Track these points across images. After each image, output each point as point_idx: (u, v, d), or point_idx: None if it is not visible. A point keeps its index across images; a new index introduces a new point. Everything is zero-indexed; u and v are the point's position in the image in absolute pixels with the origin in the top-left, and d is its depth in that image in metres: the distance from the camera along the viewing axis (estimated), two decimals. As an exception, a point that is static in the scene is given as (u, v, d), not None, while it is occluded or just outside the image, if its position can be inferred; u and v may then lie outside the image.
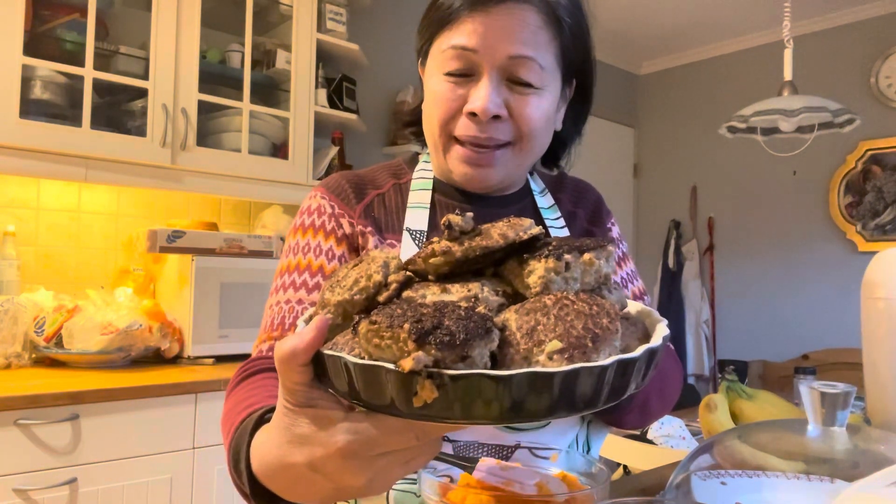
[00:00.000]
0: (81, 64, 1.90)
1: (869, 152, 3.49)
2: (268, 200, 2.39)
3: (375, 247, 0.78)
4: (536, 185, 0.87)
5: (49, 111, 1.91)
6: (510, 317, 0.42)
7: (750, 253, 3.96)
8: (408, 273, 0.49)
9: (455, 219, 0.48)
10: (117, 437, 1.61)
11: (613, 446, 1.43)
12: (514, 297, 0.46)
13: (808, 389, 0.60)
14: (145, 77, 2.01)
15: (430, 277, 0.49)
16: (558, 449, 0.65)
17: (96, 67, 1.92)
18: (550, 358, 0.38)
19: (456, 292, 0.46)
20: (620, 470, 1.37)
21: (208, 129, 2.23)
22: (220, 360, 2.01)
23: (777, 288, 3.83)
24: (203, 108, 2.15)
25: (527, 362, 0.39)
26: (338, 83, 2.60)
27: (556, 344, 0.38)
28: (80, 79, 1.90)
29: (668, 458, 1.28)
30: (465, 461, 0.61)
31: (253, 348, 0.79)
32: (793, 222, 3.77)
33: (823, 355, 3.50)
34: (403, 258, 0.55)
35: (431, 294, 0.46)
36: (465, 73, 0.74)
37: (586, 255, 0.45)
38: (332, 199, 0.82)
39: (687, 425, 1.63)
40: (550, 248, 0.46)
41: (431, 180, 0.84)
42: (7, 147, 1.77)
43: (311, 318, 0.48)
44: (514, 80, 0.73)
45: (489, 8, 0.72)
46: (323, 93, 2.47)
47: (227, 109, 2.24)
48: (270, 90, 2.44)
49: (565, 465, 0.62)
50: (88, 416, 1.57)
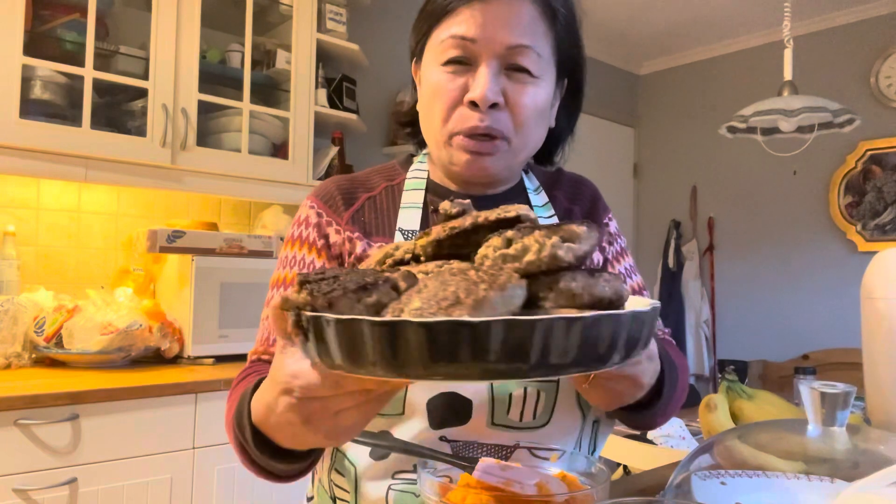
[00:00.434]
0: (81, 64, 1.90)
1: (869, 152, 3.49)
2: (268, 200, 2.39)
3: (363, 251, 0.80)
4: (531, 183, 0.88)
5: (49, 111, 1.91)
6: (419, 282, 0.45)
7: (750, 253, 3.96)
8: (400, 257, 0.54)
9: (444, 205, 0.51)
10: (117, 437, 1.61)
11: (613, 446, 1.43)
12: None
13: (808, 389, 0.60)
14: (145, 77, 2.01)
15: (421, 259, 0.53)
16: (558, 449, 0.65)
17: (96, 67, 1.92)
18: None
19: (424, 267, 0.50)
20: (620, 470, 1.37)
21: (208, 129, 2.23)
22: (220, 360, 2.01)
23: (777, 288, 3.83)
24: (203, 108, 2.15)
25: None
26: (338, 83, 2.60)
27: (416, 303, 0.40)
28: (80, 79, 1.90)
29: (668, 458, 1.28)
30: (464, 461, 0.61)
31: (250, 355, 0.82)
32: (793, 222, 3.77)
33: (823, 355, 3.49)
34: None
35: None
36: (463, 63, 0.75)
37: (533, 235, 0.46)
38: (321, 207, 0.83)
39: (687, 425, 1.63)
40: (518, 227, 0.49)
41: (425, 180, 0.85)
42: (7, 147, 1.77)
43: None
44: (513, 69, 0.75)
45: (487, 0, 0.73)
46: (323, 93, 2.47)
47: (227, 109, 2.24)
48: (270, 90, 2.44)
49: (565, 465, 0.62)
50: (88, 416, 1.57)
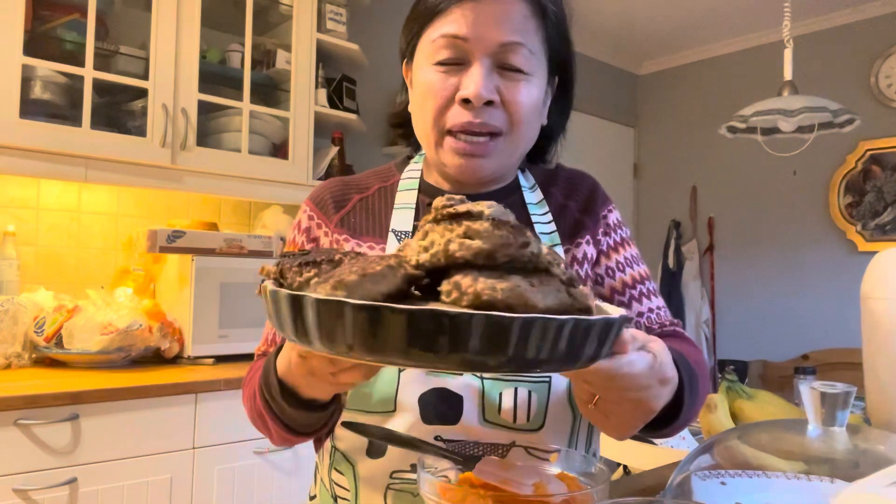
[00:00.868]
0: (81, 64, 1.90)
1: (869, 152, 3.49)
2: (268, 200, 2.39)
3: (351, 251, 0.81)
4: (526, 181, 0.88)
5: (49, 111, 1.91)
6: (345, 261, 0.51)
7: (750, 253, 3.96)
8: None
9: (438, 201, 0.51)
10: (117, 437, 1.61)
11: (613, 446, 1.43)
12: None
13: (808, 389, 0.60)
14: (145, 77, 2.01)
15: None
16: (557, 448, 0.65)
17: (96, 67, 1.92)
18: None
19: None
20: (620, 470, 1.37)
21: (208, 129, 2.23)
22: (220, 360, 2.01)
23: (777, 288, 3.83)
24: (203, 108, 2.15)
25: None
26: (338, 83, 2.60)
27: (325, 287, 0.44)
28: (80, 79, 1.90)
29: (668, 458, 1.28)
30: (464, 460, 0.61)
31: (256, 350, 0.88)
32: (793, 222, 3.77)
33: (823, 355, 3.49)
34: None
35: None
36: (455, 62, 0.75)
37: (438, 230, 0.48)
38: (313, 210, 0.86)
39: (687, 425, 1.63)
40: (447, 221, 0.50)
41: (418, 181, 0.85)
42: (7, 147, 1.77)
43: None
44: (505, 67, 0.75)
45: None
46: (323, 93, 2.47)
47: (227, 109, 2.24)
48: (270, 90, 2.44)
49: (565, 465, 0.62)
50: (88, 416, 1.57)
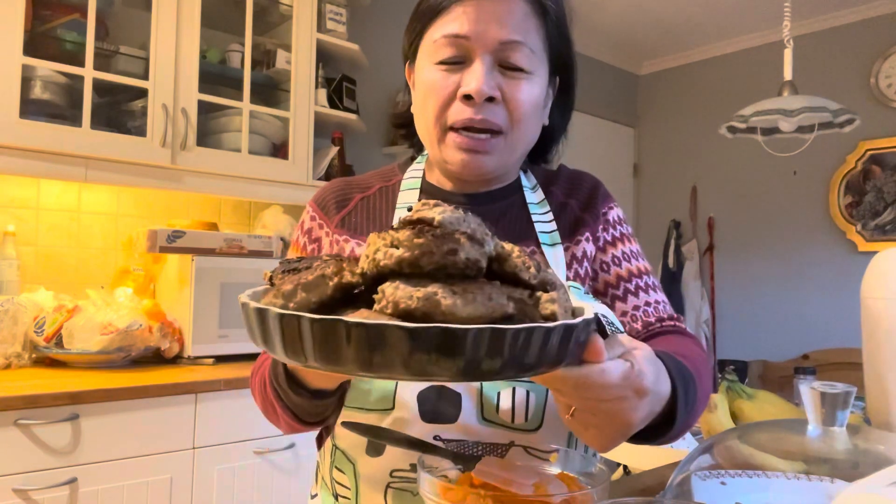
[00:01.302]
0: (81, 64, 1.90)
1: (869, 152, 3.49)
2: (268, 200, 2.39)
3: (351, 252, 0.82)
4: (528, 181, 0.88)
5: (49, 111, 1.91)
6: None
7: (750, 253, 3.96)
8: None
9: (416, 206, 0.51)
10: (117, 437, 1.61)
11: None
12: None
13: (808, 389, 0.60)
14: (145, 77, 2.01)
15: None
16: (556, 448, 0.65)
17: (96, 67, 1.92)
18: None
19: None
20: (620, 470, 1.37)
21: (208, 129, 2.23)
22: (220, 360, 2.01)
23: (777, 288, 3.83)
24: (203, 108, 2.15)
25: None
26: (338, 83, 2.60)
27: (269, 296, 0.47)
28: (80, 79, 1.90)
29: (668, 458, 1.28)
30: (464, 460, 0.61)
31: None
32: (793, 222, 3.77)
33: (823, 355, 3.49)
34: None
35: None
36: (457, 61, 0.76)
37: (377, 238, 0.48)
38: (315, 211, 0.87)
39: (687, 425, 1.63)
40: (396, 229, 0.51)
41: (420, 180, 0.86)
42: (7, 147, 1.77)
43: None
44: (506, 66, 0.75)
45: None
46: (323, 93, 2.47)
47: (227, 109, 2.24)
48: (270, 90, 2.44)
49: (564, 465, 0.62)
50: (88, 416, 1.57)
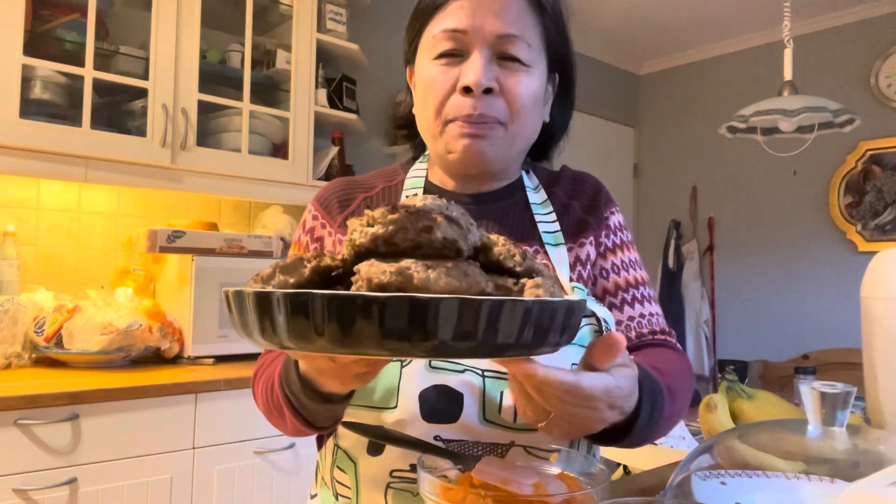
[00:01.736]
0: (81, 64, 1.90)
1: (869, 152, 3.49)
2: (268, 200, 2.39)
3: None
4: (530, 181, 0.88)
5: (49, 111, 1.91)
6: None
7: (750, 253, 3.96)
8: None
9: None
10: (117, 437, 1.61)
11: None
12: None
13: (808, 389, 0.60)
14: (145, 77, 2.01)
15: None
16: (555, 448, 0.65)
17: (96, 67, 1.92)
18: None
19: None
20: (620, 470, 1.37)
21: (208, 129, 2.23)
22: (220, 360, 2.01)
23: (777, 288, 3.83)
24: (203, 108, 2.15)
25: None
26: (338, 83, 2.60)
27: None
28: (80, 79, 1.90)
29: (668, 458, 1.28)
30: (464, 460, 0.61)
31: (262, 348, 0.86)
32: (793, 222, 3.77)
33: (823, 355, 3.49)
34: None
35: None
36: (455, 54, 0.76)
37: (354, 221, 0.49)
38: (318, 210, 0.87)
39: (687, 425, 1.63)
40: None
41: (423, 180, 0.86)
42: (7, 147, 1.77)
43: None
44: (504, 57, 0.76)
45: None
46: (323, 93, 2.47)
47: (227, 109, 2.24)
48: (270, 90, 2.44)
49: (565, 465, 0.62)
50: (88, 416, 1.57)
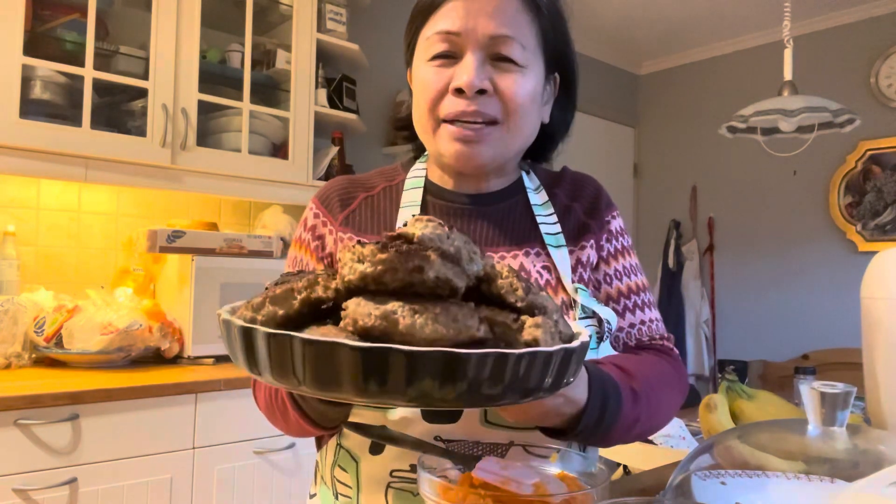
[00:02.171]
0: (81, 64, 1.90)
1: (869, 152, 3.49)
2: (268, 200, 2.39)
3: None
4: (531, 182, 0.88)
5: (49, 111, 1.91)
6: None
7: (750, 253, 3.96)
8: None
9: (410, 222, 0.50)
10: (117, 437, 1.61)
11: (613, 446, 1.43)
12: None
13: (808, 389, 0.60)
14: (145, 77, 2.01)
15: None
16: (554, 448, 0.65)
17: (96, 67, 1.92)
18: None
19: None
20: (620, 470, 1.37)
21: (208, 129, 2.23)
22: (220, 359, 2.01)
23: (777, 288, 3.83)
24: (203, 108, 2.15)
25: None
26: (338, 83, 2.60)
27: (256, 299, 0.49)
28: (80, 79, 1.90)
29: (668, 458, 1.28)
30: (464, 460, 0.61)
31: None
32: (793, 222, 3.77)
33: (823, 355, 3.49)
34: None
35: None
36: (449, 55, 0.76)
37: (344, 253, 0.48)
38: (319, 208, 0.86)
39: (687, 425, 1.63)
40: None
41: (423, 179, 0.86)
42: (7, 147, 1.77)
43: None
44: (498, 58, 0.76)
45: None
46: (323, 93, 2.47)
47: (227, 109, 2.24)
48: (270, 90, 2.44)
49: (564, 465, 0.62)
50: (88, 416, 1.57)
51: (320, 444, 0.86)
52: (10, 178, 2.02)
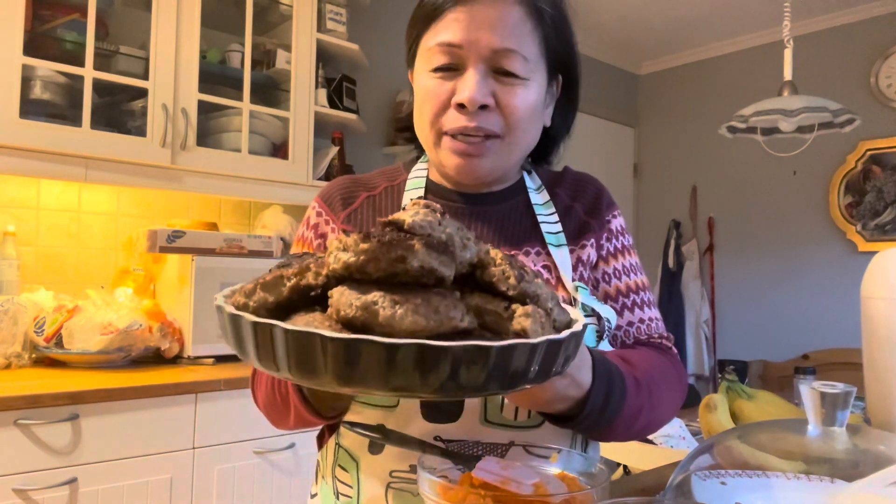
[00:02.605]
0: (81, 64, 1.90)
1: (869, 152, 3.49)
2: (268, 200, 2.39)
3: None
4: (532, 182, 0.88)
5: (49, 111, 1.91)
6: None
7: (750, 253, 3.96)
8: None
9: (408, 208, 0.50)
10: (117, 437, 1.61)
11: (613, 446, 1.43)
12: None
13: (808, 389, 0.60)
14: (145, 77, 2.01)
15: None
16: (554, 448, 0.65)
17: (96, 67, 1.92)
18: None
19: None
20: (620, 470, 1.37)
21: (208, 129, 2.23)
22: (220, 359, 2.01)
23: (777, 288, 3.83)
24: (203, 108, 2.15)
25: None
26: (338, 83, 2.60)
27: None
28: (80, 79, 1.90)
29: (668, 458, 1.28)
30: (464, 460, 0.61)
31: None
32: (793, 222, 3.77)
33: (823, 355, 3.49)
34: None
35: None
36: (451, 68, 0.76)
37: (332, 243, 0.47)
38: (321, 207, 0.87)
39: (687, 425, 1.63)
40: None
41: (424, 179, 0.86)
42: (7, 147, 1.77)
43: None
44: (500, 72, 0.75)
45: (472, 3, 0.74)
46: (323, 93, 2.47)
47: (227, 109, 2.24)
48: (270, 90, 2.44)
49: (565, 465, 0.62)
50: (88, 416, 1.57)
51: (321, 443, 0.86)
52: (10, 178, 2.02)
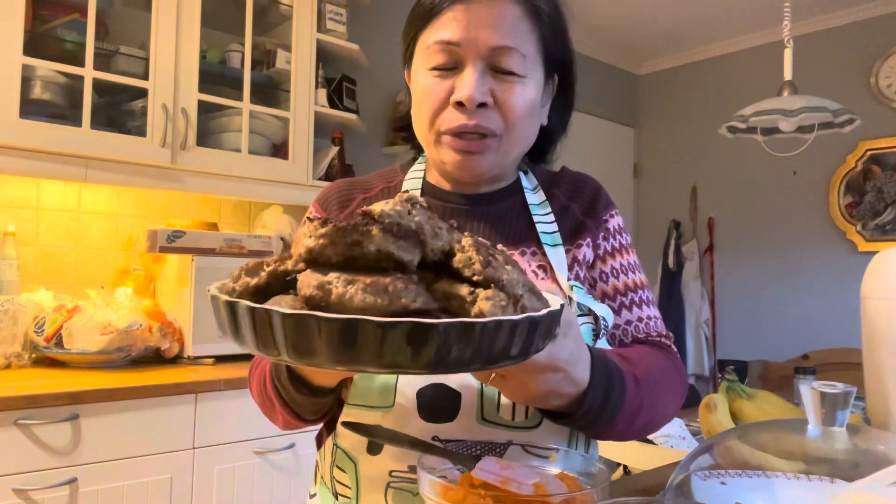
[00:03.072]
0: (81, 64, 1.90)
1: (869, 152, 3.49)
2: (268, 200, 2.39)
3: None
4: (528, 182, 0.88)
5: (49, 111, 1.91)
6: None
7: (750, 253, 3.96)
8: None
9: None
10: (117, 437, 1.61)
11: (613, 446, 1.43)
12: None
13: (808, 389, 0.60)
14: (145, 77, 2.01)
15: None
16: (553, 448, 0.65)
17: (96, 67, 1.92)
18: None
19: None
20: (620, 470, 1.37)
21: (208, 129, 2.23)
22: (220, 360, 2.01)
23: (777, 288, 3.83)
24: (203, 108, 2.15)
25: None
26: (338, 83, 2.60)
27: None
28: (80, 79, 1.90)
29: (668, 458, 1.28)
30: (464, 460, 0.61)
31: None
32: (793, 222, 3.77)
33: (823, 355, 3.49)
34: None
35: None
36: (449, 67, 0.76)
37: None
38: (318, 211, 0.88)
39: (687, 425, 1.63)
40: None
41: (420, 181, 0.86)
42: (7, 147, 1.77)
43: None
44: (498, 70, 0.76)
45: (470, 1, 0.75)
46: (323, 93, 2.47)
47: (227, 109, 2.24)
48: (270, 90, 2.44)
49: (564, 465, 0.62)
50: (88, 416, 1.57)
51: (320, 444, 0.86)
52: (10, 178, 2.02)
